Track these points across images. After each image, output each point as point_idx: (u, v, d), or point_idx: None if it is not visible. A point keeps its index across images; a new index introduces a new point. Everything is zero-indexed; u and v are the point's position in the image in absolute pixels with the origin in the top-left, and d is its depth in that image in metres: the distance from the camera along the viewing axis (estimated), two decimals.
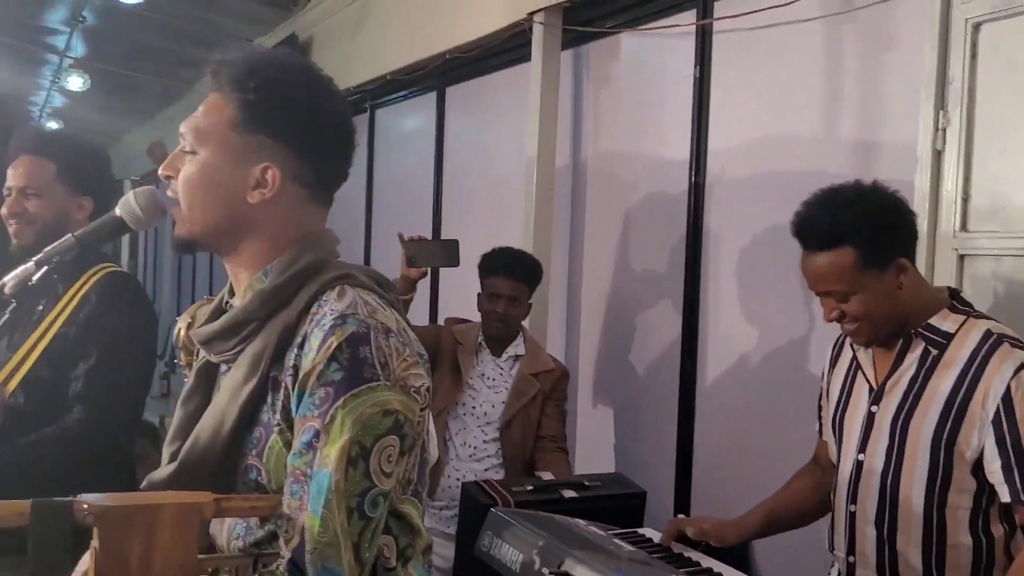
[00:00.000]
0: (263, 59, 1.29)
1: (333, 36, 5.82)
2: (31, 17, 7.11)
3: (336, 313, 1.15)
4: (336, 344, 1.12)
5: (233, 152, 1.24)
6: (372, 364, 1.13)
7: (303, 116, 1.25)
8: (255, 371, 1.18)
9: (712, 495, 2.99)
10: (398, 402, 1.13)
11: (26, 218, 2.17)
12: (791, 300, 2.71)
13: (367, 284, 1.24)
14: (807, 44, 2.69)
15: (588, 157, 3.68)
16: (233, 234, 1.26)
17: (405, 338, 1.20)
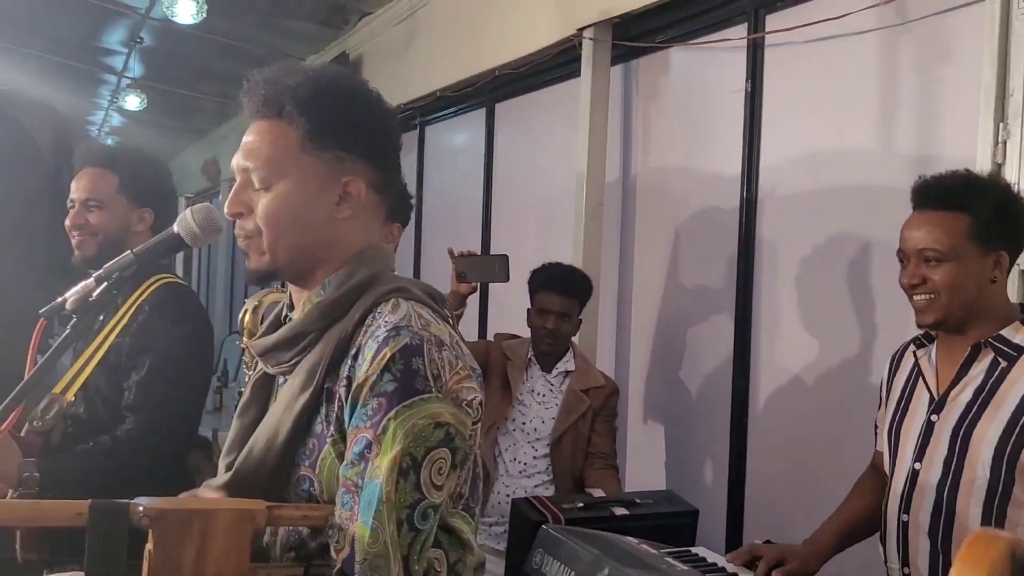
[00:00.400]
0: (319, 78, 1.29)
1: (383, 54, 5.88)
2: (91, 39, 7.29)
3: (390, 325, 1.16)
4: (390, 355, 1.13)
5: (314, 175, 1.25)
6: (425, 376, 1.13)
7: (367, 125, 1.29)
8: (310, 382, 1.19)
9: (765, 513, 2.95)
10: (449, 414, 1.13)
11: (88, 230, 2.20)
12: (847, 316, 2.67)
13: (421, 298, 1.25)
14: (862, 57, 2.65)
15: (638, 172, 3.67)
16: (312, 257, 1.28)
17: (458, 351, 1.20)
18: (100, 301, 1.57)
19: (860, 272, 2.64)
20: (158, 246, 1.67)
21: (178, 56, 7.42)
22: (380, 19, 5.76)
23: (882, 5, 2.53)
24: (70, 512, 1.07)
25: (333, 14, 5.93)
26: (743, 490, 3.03)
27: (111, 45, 7.43)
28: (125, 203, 2.23)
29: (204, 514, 1.10)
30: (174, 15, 5.29)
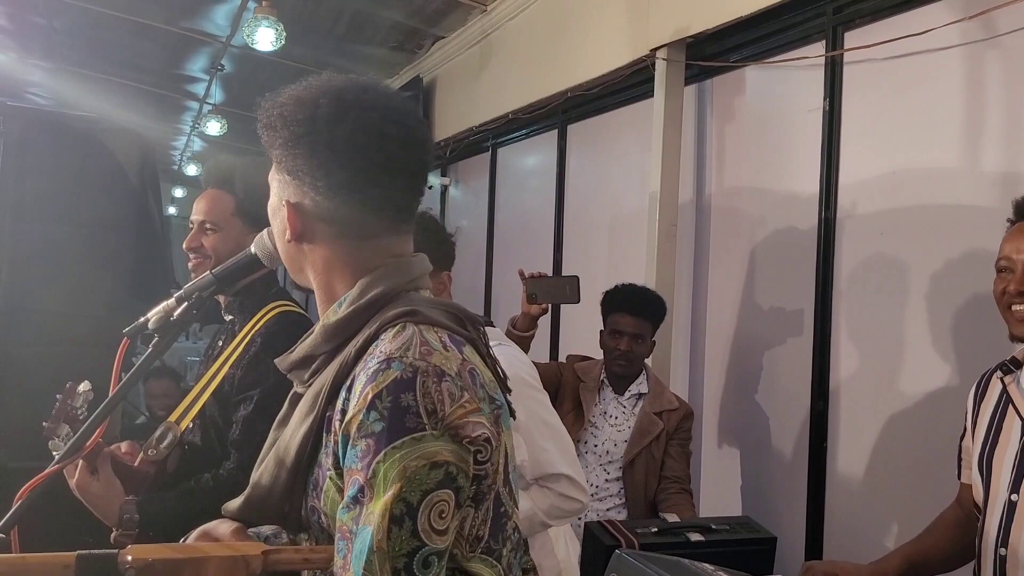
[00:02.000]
0: (278, 96, 1.25)
1: (456, 77, 5.94)
2: (174, 66, 7.52)
3: (383, 356, 1.07)
4: (375, 392, 1.04)
5: (275, 191, 1.25)
6: (416, 412, 1.03)
7: (321, 149, 1.16)
8: (313, 409, 1.14)
9: (846, 542, 2.86)
10: (448, 452, 1.03)
11: (202, 253, 2.18)
12: (931, 338, 2.59)
13: (436, 320, 1.14)
14: (945, 73, 2.58)
15: (712, 193, 3.63)
16: (295, 272, 1.27)
17: (466, 382, 1.09)
18: (181, 321, 1.60)
19: (944, 294, 2.57)
20: (236, 267, 1.69)
21: (257, 82, 7.61)
22: (453, 43, 5.83)
23: (967, 20, 2.46)
24: (57, 565, 1.04)
25: (407, 39, 6.02)
26: (822, 517, 2.95)
27: (193, 72, 7.65)
28: (240, 225, 2.19)
29: (194, 562, 1.06)
30: (254, 43, 5.42)
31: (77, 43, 7.18)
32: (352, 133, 1.16)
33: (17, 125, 2.90)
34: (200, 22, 6.21)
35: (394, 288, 1.18)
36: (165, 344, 1.62)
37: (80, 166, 2.96)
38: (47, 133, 2.96)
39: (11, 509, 1.32)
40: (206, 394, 2.05)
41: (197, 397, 2.05)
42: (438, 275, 2.18)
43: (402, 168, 1.20)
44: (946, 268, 2.56)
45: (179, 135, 11.20)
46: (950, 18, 2.52)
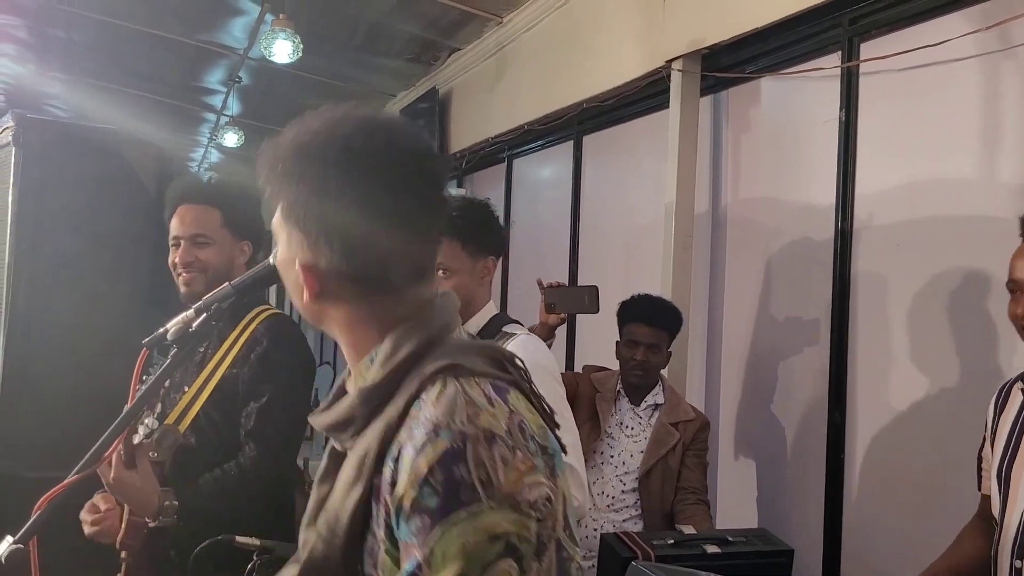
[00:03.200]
0: (280, 141, 1.18)
1: (471, 88, 5.97)
2: (192, 78, 7.58)
3: (430, 425, 1.02)
4: (427, 467, 0.99)
5: (284, 245, 1.18)
6: (471, 485, 0.98)
7: (333, 209, 1.10)
8: (359, 477, 1.08)
9: (864, 554, 2.85)
10: (508, 522, 0.99)
11: (197, 266, 2.21)
12: (949, 350, 2.57)
13: (478, 370, 1.09)
14: (962, 84, 2.58)
15: (728, 204, 3.62)
16: (327, 327, 1.19)
17: (517, 439, 1.03)
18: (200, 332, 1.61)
19: (962, 305, 2.55)
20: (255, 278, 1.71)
21: (273, 94, 7.66)
22: (469, 55, 5.85)
23: (984, 31, 2.45)
24: None
25: (423, 51, 6.05)
26: (840, 529, 2.93)
27: (211, 84, 7.70)
28: (229, 237, 2.24)
29: None
30: (272, 55, 5.46)
31: (96, 56, 7.24)
32: (368, 188, 1.09)
33: (36, 137, 2.92)
34: (218, 35, 6.26)
35: (427, 339, 1.12)
36: (184, 354, 1.63)
37: (98, 178, 2.98)
38: (65, 145, 2.98)
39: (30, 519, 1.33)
40: (203, 396, 2.07)
41: (194, 399, 2.08)
42: (484, 260, 2.21)
43: (422, 218, 1.14)
44: (964, 279, 2.55)
45: (197, 147, 11.26)
46: (966, 29, 2.51)
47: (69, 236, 2.91)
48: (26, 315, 2.86)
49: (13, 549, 1.26)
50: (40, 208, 2.90)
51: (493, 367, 1.11)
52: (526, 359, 2.11)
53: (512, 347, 2.12)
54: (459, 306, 1.24)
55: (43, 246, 2.90)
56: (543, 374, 2.08)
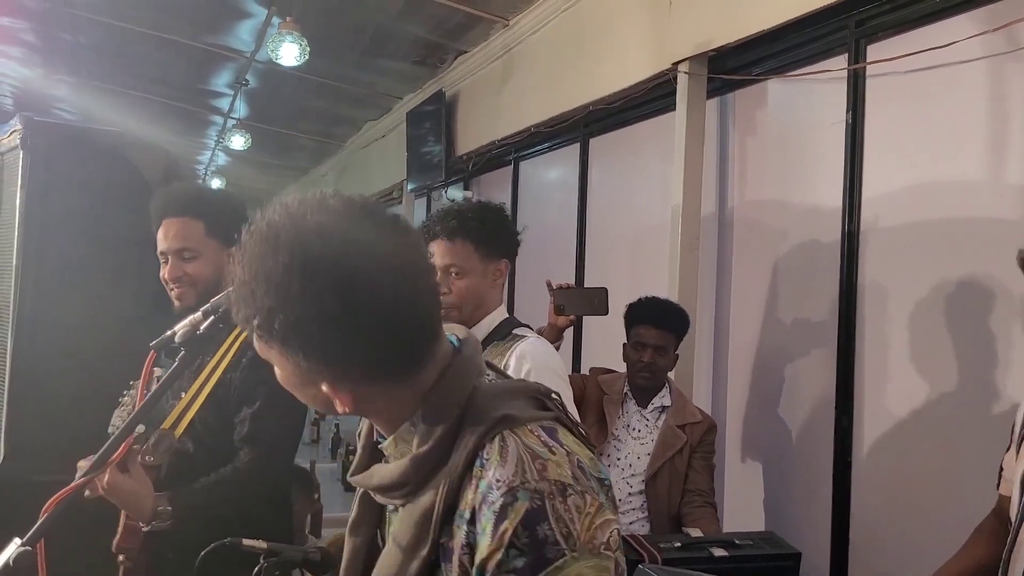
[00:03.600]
0: (251, 267, 1.10)
1: (478, 91, 5.97)
2: (199, 81, 7.60)
3: (504, 487, 1.03)
4: (511, 530, 1.01)
5: (297, 383, 1.13)
6: (555, 541, 1.01)
7: (334, 341, 1.04)
8: (424, 538, 1.09)
9: (871, 557, 2.84)
10: (590, 569, 1.02)
11: (186, 281, 2.21)
12: (956, 353, 2.56)
13: (527, 416, 1.11)
14: (969, 86, 2.57)
15: (735, 206, 3.62)
16: (354, 408, 1.14)
17: (582, 482, 1.06)
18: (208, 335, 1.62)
19: (969, 307, 2.54)
20: None
21: (280, 97, 7.68)
22: (475, 57, 5.85)
23: (990, 33, 2.45)
24: None
25: (430, 53, 6.06)
26: (847, 532, 2.92)
27: (218, 87, 7.73)
28: (216, 246, 2.24)
29: None
30: (278, 58, 5.47)
31: (103, 59, 7.27)
32: (373, 297, 1.03)
33: (43, 140, 2.92)
34: (225, 38, 6.28)
35: (465, 396, 1.12)
36: (192, 357, 1.64)
37: (105, 181, 2.98)
38: (72, 148, 2.98)
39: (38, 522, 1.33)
40: (198, 401, 2.08)
41: (190, 404, 2.08)
42: (496, 263, 2.22)
43: (425, 296, 1.10)
44: (971, 281, 2.54)
45: (204, 149, 11.30)
46: (973, 30, 2.50)
47: (76, 239, 2.92)
48: (32, 318, 2.86)
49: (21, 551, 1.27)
50: (47, 211, 2.90)
51: (537, 408, 1.14)
52: (536, 361, 2.11)
53: (521, 349, 2.12)
54: (478, 342, 1.23)
55: (50, 249, 2.90)
56: (551, 376, 2.08)
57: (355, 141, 9.29)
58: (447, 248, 2.19)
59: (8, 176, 3.05)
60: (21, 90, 8.41)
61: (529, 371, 2.07)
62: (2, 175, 3.13)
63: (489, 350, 2.19)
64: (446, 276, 2.16)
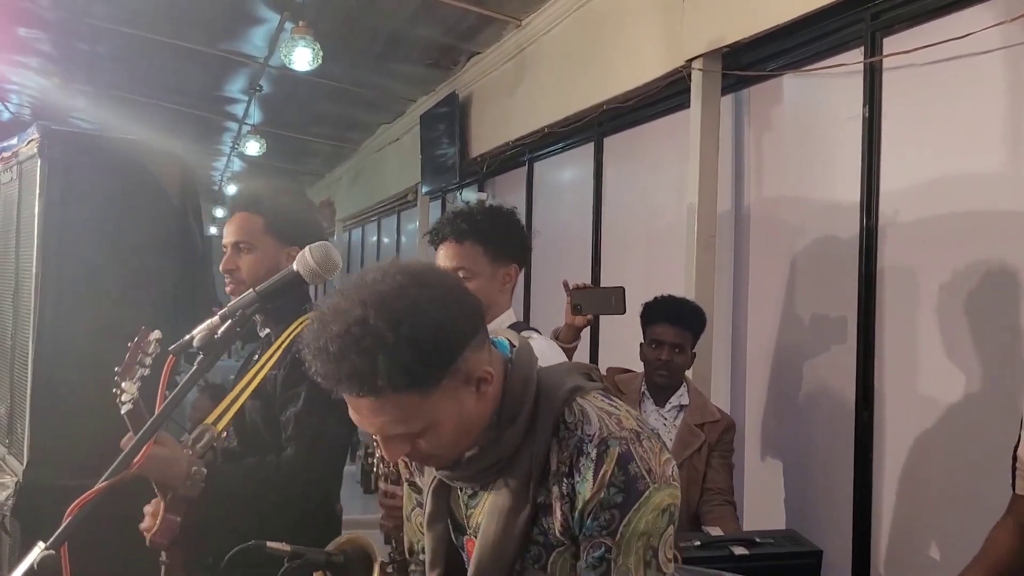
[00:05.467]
0: (378, 332, 1.19)
1: (491, 92, 5.97)
2: (213, 88, 7.64)
3: (596, 439, 1.27)
4: (610, 471, 1.24)
5: (446, 401, 1.25)
6: (642, 476, 1.25)
7: (443, 334, 1.22)
8: (524, 501, 1.30)
9: (894, 554, 2.82)
10: (668, 496, 1.27)
11: (238, 276, 2.22)
12: (978, 347, 2.54)
13: (590, 385, 1.35)
14: (988, 77, 2.55)
15: (751, 203, 3.60)
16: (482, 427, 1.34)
17: (645, 430, 1.30)
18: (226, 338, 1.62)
19: (990, 301, 2.52)
20: (279, 284, 1.73)
21: (294, 102, 7.70)
22: (488, 58, 5.85)
23: (1009, 23, 2.43)
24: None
25: (443, 56, 6.06)
26: (869, 529, 2.90)
27: (232, 93, 7.76)
28: (273, 243, 2.24)
29: None
30: (292, 63, 5.48)
31: (119, 68, 7.32)
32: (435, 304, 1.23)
33: (60, 149, 2.94)
34: (238, 44, 6.30)
35: (533, 380, 1.34)
36: (210, 361, 1.64)
37: (122, 188, 2.99)
38: (90, 156, 2.99)
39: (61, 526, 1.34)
40: (243, 398, 2.08)
41: (234, 400, 2.08)
42: (505, 267, 2.22)
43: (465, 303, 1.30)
44: (991, 275, 2.52)
45: (219, 156, 11.36)
46: (991, 21, 2.48)
47: (94, 246, 2.93)
48: (54, 325, 2.88)
49: (45, 555, 1.27)
50: (65, 219, 2.92)
51: (589, 379, 1.38)
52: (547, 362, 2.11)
53: None
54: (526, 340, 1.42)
55: (69, 256, 2.91)
56: None
57: (369, 145, 9.31)
58: (456, 250, 2.18)
59: (26, 185, 3.07)
60: (38, 100, 8.48)
61: None
62: (21, 184, 3.15)
63: None
64: None
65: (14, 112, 9.20)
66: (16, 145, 3.20)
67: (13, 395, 3.11)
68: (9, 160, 3.27)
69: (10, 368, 3.15)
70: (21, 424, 2.96)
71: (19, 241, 3.13)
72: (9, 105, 9.03)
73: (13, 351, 3.14)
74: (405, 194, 8.25)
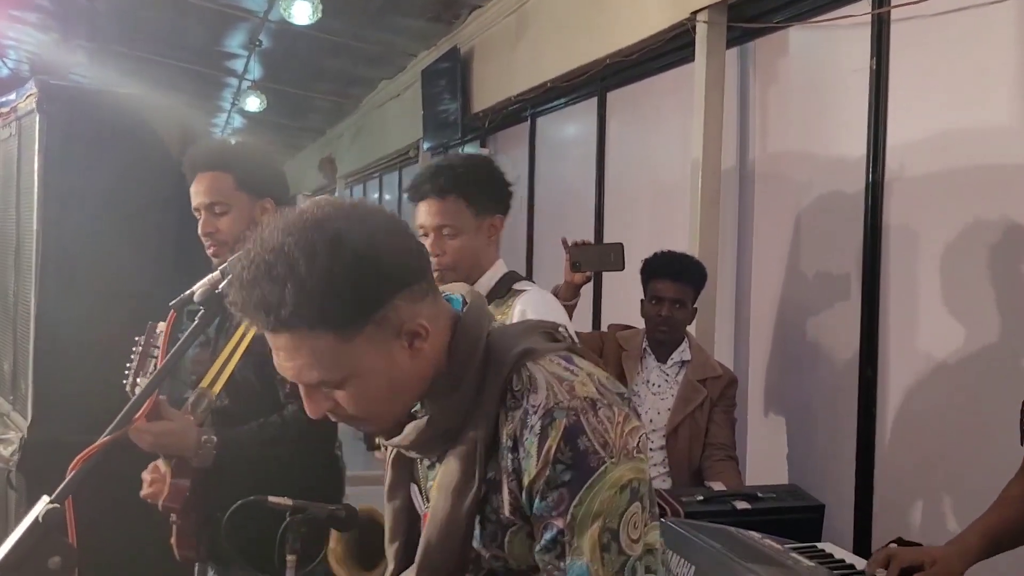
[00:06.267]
0: (293, 264, 1.07)
1: (493, 47, 5.91)
2: (213, 43, 7.56)
3: (541, 410, 1.12)
4: (555, 446, 1.10)
5: (372, 350, 1.12)
6: (595, 451, 1.10)
7: (374, 270, 1.10)
8: (471, 477, 1.16)
9: (896, 509, 2.83)
10: (629, 470, 1.12)
11: (219, 238, 2.19)
12: (984, 302, 2.54)
13: (544, 347, 1.20)
14: (997, 28, 2.51)
15: (756, 158, 3.57)
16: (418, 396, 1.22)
17: (606, 395, 1.15)
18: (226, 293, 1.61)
19: (996, 257, 2.51)
20: None
21: (294, 57, 7.63)
22: (490, 12, 5.78)
23: None
24: None
25: (444, 9, 5.99)
26: (871, 484, 2.92)
27: (232, 49, 7.69)
28: (247, 198, 2.21)
29: None
30: (291, 16, 5.43)
31: (118, 23, 7.24)
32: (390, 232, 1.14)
33: (59, 104, 2.92)
34: None
35: (482, 341, 1.20)
36: (211, 316, 1.63)
37: (122, 144, 2.98)
38: (89, 111, 2.97)
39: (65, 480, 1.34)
40: (235, 358, 2.07)
41: (227, 362, 2.07)
42: (490, 218, 2.17)
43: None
44: (998, 230, 2.50)
45: (219, 112, 11.28)
46: None
47: (95, 202, 2.92)
48: (55, 282, 2.88)
49: (50, 509, 1.28)
50: (65, 174, 2.90)
51: (550, 340, 1.23)
52: (535, 313, 2.08)
53: (522, 304, 2.09)
54: (481, 295, 1.30)
55: (69, 213, 2.91)
56: None
57: (371, 101, 9.23)
58: (438, 207, 2.11)
59: (25, 141, 3.05)
60: (37, 55, 8.41)
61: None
62: (20, 140, 3.13)
63: (490, 309, 2.17)
64: (439, 238, 2.10)
65: (12, 68, 9.12)
66: (14, 101, 3.18)
67: (16, 352, 3.12)
68: (8, 116, 3.25)
69: (13, 325, 3.16)
70: (25, 380, 2.97)
71: (19, 198, 3.12)
72: (7, 61, 8.96)
73: (16, 308, 3.14)
74: (407, 150, 8.20)
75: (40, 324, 2.88)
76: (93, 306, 2.84)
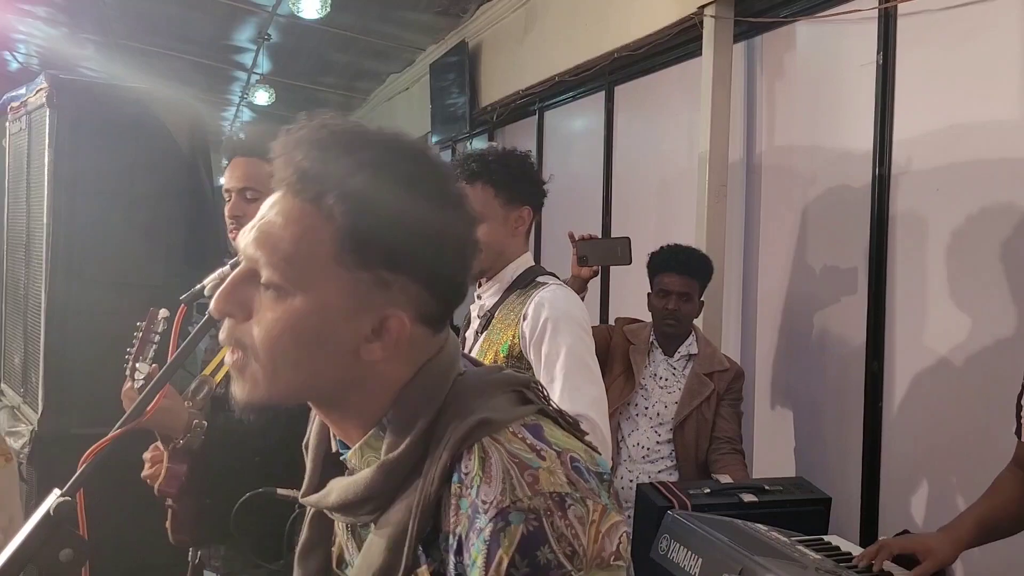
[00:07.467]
0: (383, 165, 0.94)
1: (501, 41, 5.91)
2: (222, 37, 7.57)
3: (493, 510, 0.88)
4: (507, 559, 0.86)
5: (346, 296, 0.93)
6: (558, 564, 0.86)
7: (429, 235, 0.94)
8: (398, 563, 0.94)
9: (902, 502, 2.84)
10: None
11: (244, 222, 2.22)
12: (990, 296, 2.54)
13: (508, 417, 0.95)
14: (1004, 23, 2.50)
15: (763, 152, 3.57)
16: (330, 394, 0.99)
17: (579, 485, 0.91)
18: None
19: (1002, 251, 2.51)
20: None
21: (303, 51, 7.63)
22: (498, 7, 5.78)
23: None
24: None
25: (452, 3, 5.98)
26: (878, 477, 2.92)
27: (241, 43, 7.69)
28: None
29: None
30: (299, 11, 5.43)
31: (128, 16, 7.26)
32: (456, 202, 1.00)
33: (69, 98, 2.94)
34: None
35: (445, 391, 0.98)
36: None
37: (132, 137, 3.00)
38: (99, 105, 2.99)
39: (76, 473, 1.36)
40: None
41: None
42: (518, 210, 2.18)
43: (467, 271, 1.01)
44: (1004, 224, 2.50)
45: (228, 106, 11.29)
46: None
47: (105, 195, 2.94)
48: (65, 276, 2.90)
49: (61, 501, 1.29)
50: (75, 167, 2.92)
51: (518, 403, 0.98)
52: (554, 310, 2.08)
53: (540, 298, 2.10)
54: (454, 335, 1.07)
55: (80, 205, 2.93)
56: (573, 325, 2.07)
57: (379, 94, 9.24)
58: (467, 192, 2.14)
59: (36, 135, 3.08)
60: (46, 49, 8.43)
61: (546, 320, 2.04)
62: (30, 134, 3.15)
63: (511, 299, 2.18)
64: None
65: (22, 62, 9.15)
66: (25, 95, 3.19)
67: (27, 345, 3.15)
68: (18, 110, 3.27)
69: (23, 318, 3.19)
70: (35, 374, 3.00)
71: (30, 191, 3.14)
72: (17, 55, 8.98)
73: (26, 301, 3.16)
74: None
75: (50, 317, 2.90)
76: (103, 299, 2.86)
